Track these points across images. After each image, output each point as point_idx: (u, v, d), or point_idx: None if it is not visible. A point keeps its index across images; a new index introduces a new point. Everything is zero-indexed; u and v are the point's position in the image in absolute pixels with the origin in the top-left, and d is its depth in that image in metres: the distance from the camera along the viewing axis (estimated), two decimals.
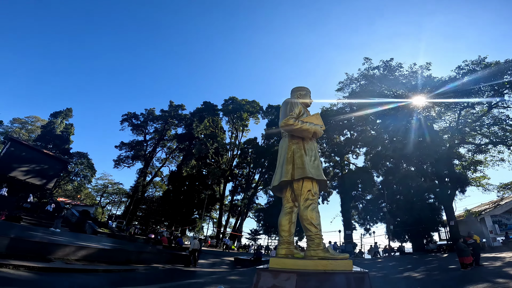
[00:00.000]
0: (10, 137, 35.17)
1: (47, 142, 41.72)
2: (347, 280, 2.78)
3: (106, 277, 7.39)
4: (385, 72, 26.30)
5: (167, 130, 47.34)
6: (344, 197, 36.72)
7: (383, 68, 26.45)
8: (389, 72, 26.12)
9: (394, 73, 26.12)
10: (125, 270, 8.67)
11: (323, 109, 34.52)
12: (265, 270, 3.04)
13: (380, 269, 14.55)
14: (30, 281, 5.36)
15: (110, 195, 55.05)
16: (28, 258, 7.34)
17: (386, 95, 26.07)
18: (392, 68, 26.14)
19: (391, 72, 26.11)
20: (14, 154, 31.39)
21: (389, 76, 25.98)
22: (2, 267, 5.80)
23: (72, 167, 46.00)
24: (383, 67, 26.44)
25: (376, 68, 26.90)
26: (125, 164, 44.85)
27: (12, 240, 7.70)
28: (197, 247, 12.82)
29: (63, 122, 46.56)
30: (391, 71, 26.15)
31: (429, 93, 23.80)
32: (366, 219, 36.81)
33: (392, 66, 26.13)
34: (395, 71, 26.18)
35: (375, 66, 26.99)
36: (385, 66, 26.36)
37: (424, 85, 24.34)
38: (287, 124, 4.00)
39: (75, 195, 50.75)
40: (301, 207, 3.69)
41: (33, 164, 33.99)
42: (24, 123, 52.32)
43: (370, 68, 27.24)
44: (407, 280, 10.17)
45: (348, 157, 40.05)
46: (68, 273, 7.07)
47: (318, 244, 3.43)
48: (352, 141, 36.71)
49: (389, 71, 26.11)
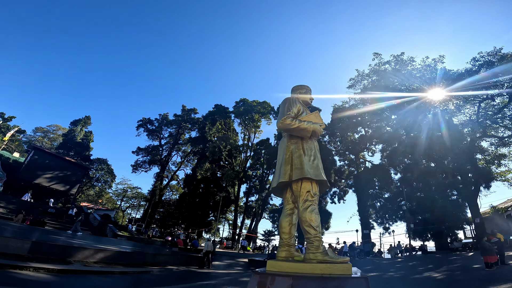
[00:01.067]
0: (33, 146, 37.18)
1: (69, 149, 43.70)
2: (344, 285, 2.70)
3: (122, 279, 7.62)
4: (396, 66, 25.50)
5: (181, 134, 48.29)
6: (360, 195, 35.90)
7: (394, 63, 25.66)
8: (401, 66, 25.30)
9: (406, 67, 25.27)
10: (140, 272, 8.91)
11: (335, 106, 33.97)
12: (260, 273, 3.02)
13: (399, 270, 14.08)
14: (47, 282, 5.62)
15: (130, 199, 56.83)
16: (49, 260, 7.70)
17: (400, 90, 25.25)
18: (404, 63, 25.31)
19: (403, 67, 25.27)
20: (38, 162, 33.12)
21: (402, 71, 25.15)
22: (22, 269, 6.11)
23: (93, 173, 47.86)
24: (394, 62, 25.66)
25: (387, 63, 26.15)
26: (142, 168, 46.23)
27: (34, 243, 8.06)
28: (210, 248, 12.97)
29: (83, 129, 48.65)
30: (403, 66, 25.31)
31: (445, 86, 22.83)
32: (384, 217, 35.80)
33: (404, 60, 25.31)
34: (407, 65, 25.34)
35: (385, 61, 26.26)
36: (396, 61, 25.56)
37: (440, 78, 23.37)
38: (284, 123, 3.93)
39: (97, 199, 52.83)
40: (300, 209, 3.61)
41: (57, 171, 35.72)
42: (46, 132, 55.14)
43: (380, 64, 26.51)
44: (427, 280, 9.79)
45: (363, 155, 39.14)
46: (85, 275, 7.35)
47: (317, 247, 3.34)
48: (367, 138, 35.85)
49: (401, 65, 25.29)
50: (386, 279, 11.32)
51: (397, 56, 25.65)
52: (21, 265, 6.28)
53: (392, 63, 25.91)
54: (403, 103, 25.10)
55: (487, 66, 20.98)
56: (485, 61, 21.48)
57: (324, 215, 36.35)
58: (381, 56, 26.34)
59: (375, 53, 26.68)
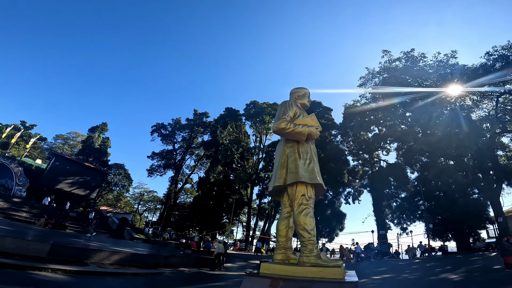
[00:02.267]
0: (54, 153, 39.01)
1: (88, 155, 45.49)
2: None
3: (134, 280, 7.91)
4: (407, 63, 24.82)
5: (194, 138, 49.06)
6: (375, 195, 35.10)
7: (405, 60, 25.02)
8: (412, 63, 24.61)
9: (418, 64, 24.55)
10: (152, 273, 9.19)
11: (346, 106, 33.44)
12: (252, 275, 3.10)
13: (414, 271, 13.68)
14: (63, 283, 5.94)
15: (146, 202, 58.28)
16: (67, 262, 8.11)
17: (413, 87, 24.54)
18: (415, 59, 24.61)
19: (414, 63, 24.57)
20: (59, 168, 34.71)
21: (413, 67, 24.44)
22: (41, 270, 6.48)
23: (111, 177, 49.51)
24: (405, 59, 24.99)
25: (397, 60, 25.52)
26: (157, 172, 47.32)
27: (53, 246, 8.47)
28: (221, 251, 13.14)
29: (100, 136, 50.54)
30: (415, 62, 24.62)
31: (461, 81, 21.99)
32: (402, 218, 34.81)
33: (415, 57, 24.60)
34: (418, 62, 24.63)
35: (396, 58, 25.64)
36: (407, 58, 24.91)
37: (454, 74, 22.54)
38: (279, 128, 3.95)
39: (115, 203, 54.60)
40: (295, 212, 3.64)
41: (77, 177, 37.26)
42: (66, 139, 57.77)
43: (390, 61, 25.88)
44: (441, 282, 9.49)
45: (377, 154, 38.25)
46: (100, 276, 7.68)
47: (311, 250, 3.35)
48: (381, 137, 35.00)
49: (412, 62, 24.60)
50: (399, 280, 11.07)
51: (407, 53, 24.99)
52: (40, 267, 6.66)
53: (402, 60, 25.27)
54: (417, 100, 24.35)
55: (502, 60, 20.11)
56: (500, 55, 20.65)
57: (338, 216, 35.86)
58: (391, 53, 25.77)
59: (384, 51, 26.14)
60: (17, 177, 29.35)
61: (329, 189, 38.08)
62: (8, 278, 5.23)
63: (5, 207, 22.04)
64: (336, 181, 35.38)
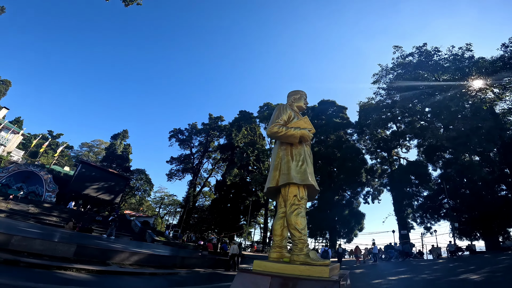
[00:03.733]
0: (80, 160, 41.29)
1: (111, 162, 47.77)
2: (316, 286, 2.87)
3: (150, 280, 8.36)
4: (421, 58, 23.94)
5: (210, 142, 50.05)
6: (396, 194, 34.03)
7: (418, 55, 24.18)
8: (426, 57, 23.70)
9: (432, 58, 23.60)
10: (168, 273, 9.63)
11: (360, 103, 32.74)
12: (244, 271, 3.31)
13: (434, 272, 13.18)
14: (85, 281, 6.46)
15: (167, 206, 60.12)
16: (91, 262, 8.71)
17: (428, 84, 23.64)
18: (429, 54, 23.68)
19: (428, 58, 23.66)
20: (85, 174, 36.70)
21: (428, 62, 23.53)
22: (67, 270, 7.06)
23: (133, 182, 51.61)
24: (418, 54, 24.14)
25: (410, 55, 24.71)
26: (176, 177, 48.72)
27: (78, 247, 9.12)
28: (236, 252, 13.44)
29: (122, 143, 52.94)
30: (429, 57, 23.72)
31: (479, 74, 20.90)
32: (425, 217, 33.46)
33: (428, 51, 23.68)
34: (432, 56, 23.69)
35: (408, 53, 24.85)
36: (419, 52, 24.05)
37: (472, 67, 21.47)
38: (271, 132, 4.10)
39: (138, 207, 56.74)
40: (287, 212, 3.79)
41: (102, 182, 39.18)
42: (91, 146, 61.07)
43: (402, 56, 25.09)
44: (460, 283, 9.14)
45: (396, 152, 37.08)
46: (120, 275, 8.19)
47: (301, 249, 3.48)
48: (399, 134, 33.93)
49: (426, 56, 23.71)
50: (416, 281, 10.77)
51: (419, 48, 24.16)
52: (66, 266, 7.25)
53: (415, 55, 24.45)
54: (435, 94, 23.41)
55: None
56: None
57: (357, 216, 35.06)
58: (402, 48, 24.99)
59: (395, 46, 25.37)
60: (47, 183, 31.40)
61: (347, 189, 37.40)
62: (37, 277, 5.76)
63: (37, 212, 23.72)
64: (354, 180, 34.69)
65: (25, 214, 21.98)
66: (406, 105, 25.86)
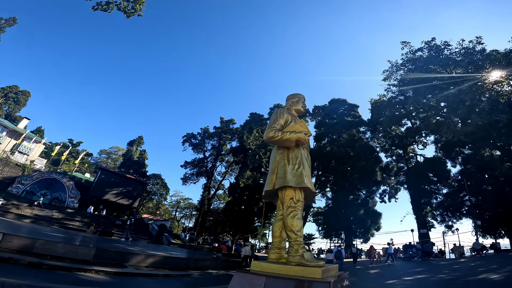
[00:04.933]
0: (100, 167, 42.92)
1: (128, 167, 49.35)
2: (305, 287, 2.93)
3: (164, 281, 8.69)
4: (431, 52, 23.25)
5: (222, 145, 50.68)
6: (413, 193, 33.08)
7: (427, 50, 23.48)
8: (436, 52, 22.99)
9: (442, 53, 22.86)
10: (181, 275, 9.95)
11: (372, 101, 32.13)
12: (242, 271, 3.49)
13: (454, 271, 12.76)
14: (103, 283, 6.85)
15: (183, 209, 61.31)
16: (109, 265, 9.16)
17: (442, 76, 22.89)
18: (439, 48, 22.95)
19: (439, 52, 22.93)
20: (105, 180, 38.14)
21: (439, 56, 22.82)
22: (86, 272, 7.49)
23: (150, 187, 53.00)
24: (427, 48, 23.45)
25: (419, 50, 24.04)
26: (191, 180, 49.68)
27: (97, 250, 9.61)
28: (248, 253, 13.63)
29: (138, 149, 54.58)
30: (439, 51, 22.98)
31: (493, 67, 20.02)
32: (446, 215, 32.28)
33: (438, 46, 22.97)
34: (443, 51, 22.93)
35: (417, 49, 24.20)
36: (429, 47, 23.37)
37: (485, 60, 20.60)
38: (268, 136, 4.23)
39: (155, 211, 58.21)
40: (284, 215, 3.93)
41: (120, 187, 40.56)
42: (109, 153, 63.44)
43: (411, 52, 24.47)
44: (477, 283, 8.85)
45: (412, 149, 36.02)
46: (135, 277, 8.58)
47: (296, 250, 3.58)
48: (414, 130, 32.95)
49: (436, 51, 23.00)
50: (432, 281, 10.51)
51: (428, 42, 23.46)
52: (85, 268, 7.69)
53: (425, 50, 23.78)
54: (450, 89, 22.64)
55: None
56: None
57: (373, 215, 34.33)
58: (410, 44, 24.37)
59: (403, 42, 24.85)
60: (69, 190, 32.93)
61: (362, 188, 36.72)
62: (58, 278, 6.18)
63: (60, 217, 24.95)
64: (368, 179, 33.99)
65: (49, 219, 23.18)
66: (419, 101, 25.13)
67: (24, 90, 52.03)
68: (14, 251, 7.27)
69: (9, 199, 24.65)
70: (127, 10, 9.41)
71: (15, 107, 49.88)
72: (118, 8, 9.29)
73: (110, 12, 9.11)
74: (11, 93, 49.47)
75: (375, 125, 34.05)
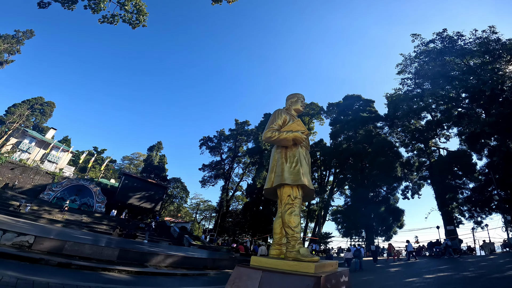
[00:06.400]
0: (123, 172, 44.89)
1: (149, 172, 51.21)
2: (297, 281, 3.05)
3: (181, 280, 9.11)
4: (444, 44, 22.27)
5: (238, 147, 51.24)
6: (438, 188, 31.72)
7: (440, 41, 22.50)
8: (450, 43, 21.98)
9: (456, 43, 21.81)
10: (198, 274, 10.35)
11: (387, 95, 31.21)
12: (242, 266, 3.71)
13: (480, 269, 12.24)
14: (124, 281, 7.34)
15: (203, 211, 62.60)
16: (131, 265, 9.73)
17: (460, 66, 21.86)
18: (452, 39, 21.93)
19: (452, 43, 21.91)
20: (128, 185, 39.85)
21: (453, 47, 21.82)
22: (110, 271, 8.05)
23: (170, 191, 54.66)
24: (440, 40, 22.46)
25: (431, 41, 23.08)
26: (209, 183, 50.70)
27: (121, 251, 10.21)
28: (264, 253, 13.83)
29: (157, 154, 56.45)
30: (452, 42, 21.96)
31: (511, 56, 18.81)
32: (475, 210, 30.66)
33: (451, 37, 21.95)
34: (456, 41, 21.88)
35: (429, 40, 23.24)
36: (441, 39, 22.38)
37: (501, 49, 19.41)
38: (265, 137, 4.38)
39: (176, 214, 59.92)
40: (282, 212, 4.10)
41: (143, 192, 42.17)
42: (131, 159, 66.10)
43: (423, 44, 23.54)
44: (501, 280, 8.48)
45: (434, 142, 34.53)
46: (155, 276, 9.06)
47: (293, 246, 3.73)
48: (435, 123, 31.59)
49: (450, 42, 21.99)
50: (454, 279, 10.17)
51: (440, 34, 22.46)
52: (109, 268, 8.26)
53: (437, 41, 22.81)
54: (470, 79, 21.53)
55: None
56: None
57: (395, 212, 33.28)
58: (421, 36, 23.45)
59: (413, 34, 23.90)
60: (96, 195, 34.81)
61: (382, 185, 35.74)
62: (84, 277, 6.72)
63: (89, 221, 26.49)
64: (388, 176, 33.03)
65: (79, 223, 24.72)
66: (437, 92, 24.09)
67: (49, 101, 54.53)
68: (45, 252, 7.94)
69: (41, 205, 26.53)
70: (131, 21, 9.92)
71: (41, 118, 52.45)
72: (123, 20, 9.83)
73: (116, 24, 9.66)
74: (37, 104, 51.96)
75: (393, 120, 33.05)
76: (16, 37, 42.14)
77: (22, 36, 42.80)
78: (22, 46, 42.98)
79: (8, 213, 20.39)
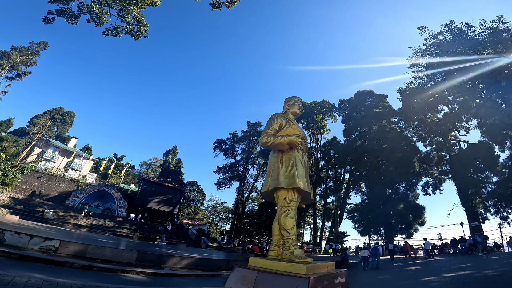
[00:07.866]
0: (142, 177, 46.50)
1: (167, 177, 52.63)
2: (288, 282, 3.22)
3: (195, 281, 9.49)
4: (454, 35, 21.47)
5: (252, 148, 51.60)
6: (460, 183, 30.45)
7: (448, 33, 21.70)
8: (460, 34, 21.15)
9: (466, 34, 20.96)
10: (212, 275, 10.70)
11: (400, 90, 30.36)
12: (240, 266, 3.95)
13: (502, 266, 11.77)
14: (141, 282, 7.80)
15: (219, 213, 63.43)
16: (149, 266, 10.24)
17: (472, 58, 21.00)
18: (461, 30, 21.08)
19: (462, 34, 21.07)
20: (147, 190, 41.26)
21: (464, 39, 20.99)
22: (128, 273, 8.54)
23: (187, 194, 55.87)
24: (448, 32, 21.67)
25: (440, 34, 22.30)
26: (224, 185, 51.40)
27: (139, 253, 10.75)
28: None
29: (173, 158, 57.88)
30: (462, 33, 21.10)
31: None
32: (500, 205, 29.16)
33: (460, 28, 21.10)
34: (466, 32, 21.01)
35: (437, 33, 22.43)
36: (449, 30, 21.57)
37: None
38: (262, 142, 4.57)
39: (194, 216, 61.13)
40: (278, 214, 4.31)
41: (161, 196, 43.46)
42: (149, 164, 68.19)
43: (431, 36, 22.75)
44: None
45: (454, 135, 33.14)
46: (170, 277, 9.49)
47: (288, 248, 3.91)
48: (453, 115, 30.33)
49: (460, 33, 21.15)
50: (474, 278, 9.89)
51: (448, 25, 21.62)
52: (128, 270, 8.76)
53: (446, 33, 22.05)
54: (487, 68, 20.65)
55: None
56: None
57: (414, 209, 32.22)
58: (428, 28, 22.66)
59: (420, 27, 23.24)
60: (118, 200, 36.33)
61: (399, 181, 34.76)
62: (104, 278, 7.21)
63: (112, 225, 27.74)
64: (406, 171, 32.07)
65: (102, 227, 25.97)
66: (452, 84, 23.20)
67: (69, 111, 57.08)
68: (69, 256, 8.56)
69: (67, 211, 28.10)
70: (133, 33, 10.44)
71: (63, 127, 55.04)
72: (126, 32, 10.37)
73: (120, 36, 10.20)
74: (57, 114, 54.44)
75: (408, 114, 32.09)
76: (31, 49, 43.83)
77: (36, 48, 44.50)
78: (38, 57, 44.80)
79: (36, 219, 21.82)
